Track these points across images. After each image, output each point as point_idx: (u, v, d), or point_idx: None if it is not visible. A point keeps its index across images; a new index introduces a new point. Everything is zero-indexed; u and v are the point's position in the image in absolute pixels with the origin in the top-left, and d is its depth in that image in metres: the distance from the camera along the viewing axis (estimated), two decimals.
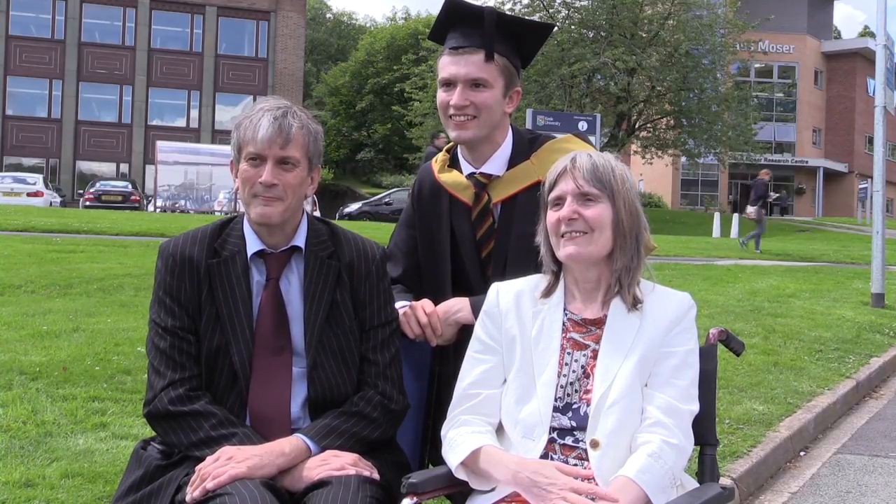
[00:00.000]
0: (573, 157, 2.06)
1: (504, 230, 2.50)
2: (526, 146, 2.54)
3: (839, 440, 5.30)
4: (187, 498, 1.92)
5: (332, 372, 2.18)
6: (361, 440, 2.13)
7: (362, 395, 2.19)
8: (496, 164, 2.52)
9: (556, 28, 29.50)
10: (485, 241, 2.53)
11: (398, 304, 2.42)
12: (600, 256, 2.02)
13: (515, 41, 2.50)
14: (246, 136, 2.13)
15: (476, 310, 2.29)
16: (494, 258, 2.51)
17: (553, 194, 2.06)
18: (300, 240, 2.22)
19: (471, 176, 2.54)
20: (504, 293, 2.14)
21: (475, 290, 2.46)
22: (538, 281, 2.14)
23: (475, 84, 2.41)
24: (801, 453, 4.95)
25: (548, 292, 2.10)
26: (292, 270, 2.22)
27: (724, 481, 3.80)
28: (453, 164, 2.62)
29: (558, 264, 2.09)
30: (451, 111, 2.44)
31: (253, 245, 2.20)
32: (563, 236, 2.02)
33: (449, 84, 2.44)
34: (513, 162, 2.52)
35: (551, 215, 2.05)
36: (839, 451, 5.04)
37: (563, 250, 2.02)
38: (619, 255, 2.02)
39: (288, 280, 2.21)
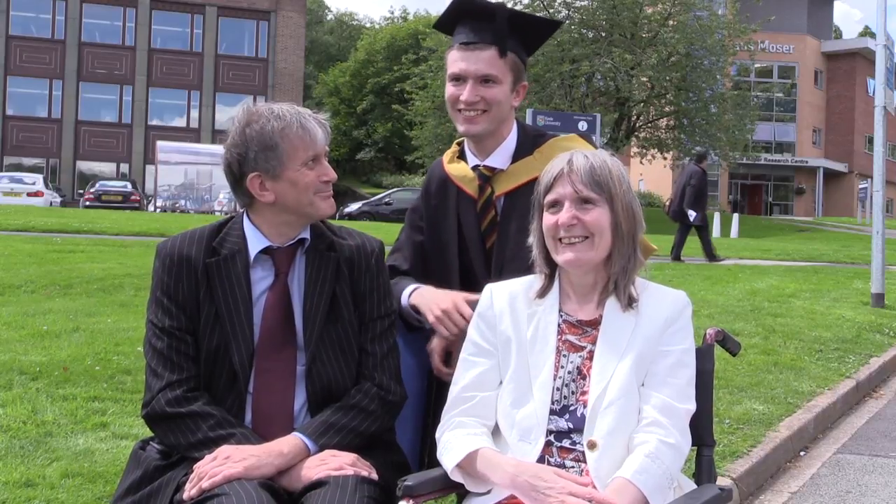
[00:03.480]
0: (570, 159, 2.01)
1: (506, 223, 2.53)
2: (530, 142, 2.58)
3: (839, 440, 5.29)
4: (184, 496, 1.92)
5: (332, 366, 2.18)
6: (360, 434, 2.13)
7: (359, 388, 2.18)
8: (500, 157, 2.56)
9: (562, 24, 29.45)
10: (489, 232, 2.57)
11: (409, 288, 2.45)
12: (600, 261, 2.00)
13: (524, 37, 2.53)
14: (304, 141, 2.13)
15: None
16: (496, 250, 2.53)
17: (550, 197, 2.01)
18: (306, 232, 2.23)
19: (475, 168, 2.58)
20: (498, 295, 2.11)
21: (480, 280, 2.46)
22: (532, 281, 2.11)
23: (485, 80, 2.45)
24: (801, 453, 4.95)
25: (542, 293, 2.07)
26: (295, 265, 2.22)
27: (723, 482, 3.80)
28: (461, 156, 2.65)
29: (551, 266, 2.06)
30: (461, 106, 2.47)
31: (258, 243, 2.19)
32: (561, 241, 1.99)
33: (458, 79, 2.47)
34: (517, 156, 2.56)
35: (548, 218, 2.01)
36: (839, 451, 5.04)
37: (562, 256, 1.99)
38: (616, 258, 1.99)
39: (292, 275, 2.21)
